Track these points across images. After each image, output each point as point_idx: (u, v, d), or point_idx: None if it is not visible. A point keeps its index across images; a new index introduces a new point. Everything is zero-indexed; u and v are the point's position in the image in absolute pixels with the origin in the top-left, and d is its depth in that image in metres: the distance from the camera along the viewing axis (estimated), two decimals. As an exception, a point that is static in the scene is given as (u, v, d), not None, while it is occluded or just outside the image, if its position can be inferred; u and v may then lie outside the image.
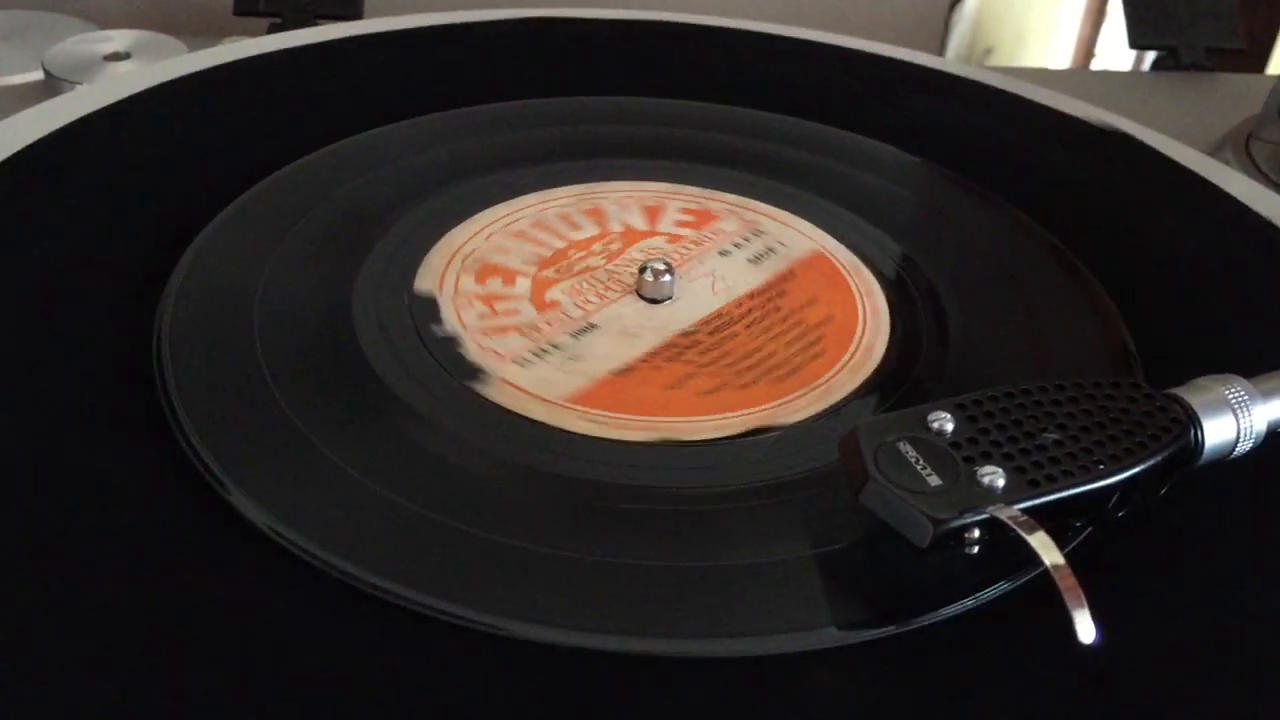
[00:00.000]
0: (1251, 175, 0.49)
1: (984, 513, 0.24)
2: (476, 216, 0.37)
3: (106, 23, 0.56)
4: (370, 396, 0.29)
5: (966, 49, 1.03)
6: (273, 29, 0.56)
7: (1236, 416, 0.27)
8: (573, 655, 0.23)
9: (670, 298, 0.34)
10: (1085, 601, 0.22)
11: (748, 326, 0.33)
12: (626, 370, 0.31)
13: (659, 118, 0.44)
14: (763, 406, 0.30)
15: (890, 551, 0.25)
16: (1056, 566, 0.22)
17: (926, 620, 0.24)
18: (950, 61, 0.51)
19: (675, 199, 0.39)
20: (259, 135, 0.40)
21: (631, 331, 0.33)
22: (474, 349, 0.31)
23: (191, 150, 0.39)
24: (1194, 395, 0.27)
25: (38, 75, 0.52)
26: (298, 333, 0.31)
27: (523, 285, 0.34)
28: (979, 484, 0.24)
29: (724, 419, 0.30)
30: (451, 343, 0.31)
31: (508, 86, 0.45)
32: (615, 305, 0.34)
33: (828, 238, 0.38)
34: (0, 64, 0.54)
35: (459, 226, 0.36)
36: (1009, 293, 0.36)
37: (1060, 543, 0.23)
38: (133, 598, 0.23)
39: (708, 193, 0.40)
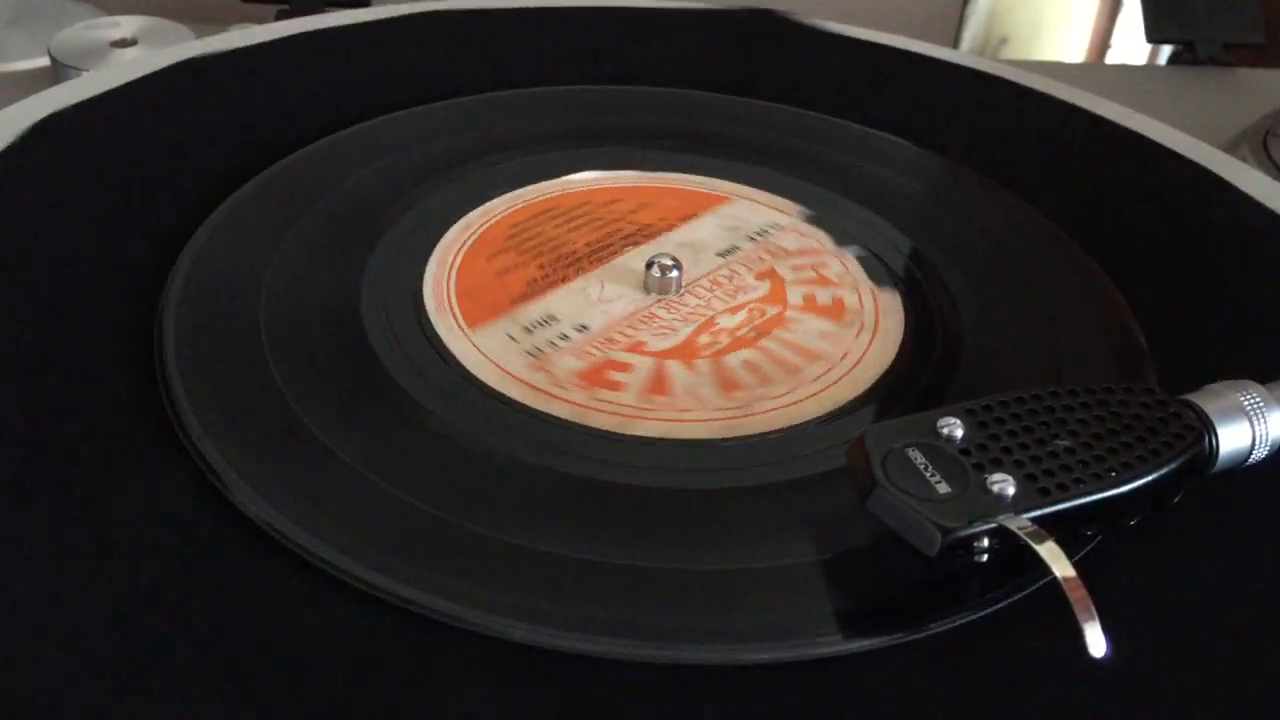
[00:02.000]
0: (1269, 173, 0.48)
1: (993, 522, 0.23)
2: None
3: (113, 9, 0.56)
4: (375, 390, 0.29)
5: (981, 39, 1.02)
6: (280, 15, 0.56)
7: (1252, 423, 0.26)
8: (572, 659, 0.23)
9: (677, 292, 0.34)
10: (1096, 614, 0.21)
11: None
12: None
13: (661, 107, 0.43)
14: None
15: (897, 558, 0.25)
16: (1067, 578, 0.22)
17: (933, 629, 0.24)
18: (964, 54, 0.50)
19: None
20: (267, 123, 0.40)
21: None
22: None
23: (198, 138, 0.39)
24: (1208, 401, 0.26)
25: (44, 61, 0.52)
26: (303, 324, 0.31)
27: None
28: (988, 492, 0.24)
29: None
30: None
31: (519, 73, 0.44)
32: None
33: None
34: (6, 50, 0.54)
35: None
36: (1023, 292, 0.35)
37: (1071, 552, 0.23)
38: (133, 595, 0.23)
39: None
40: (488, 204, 0.37)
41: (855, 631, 0.24)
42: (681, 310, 0.33)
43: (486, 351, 0.30)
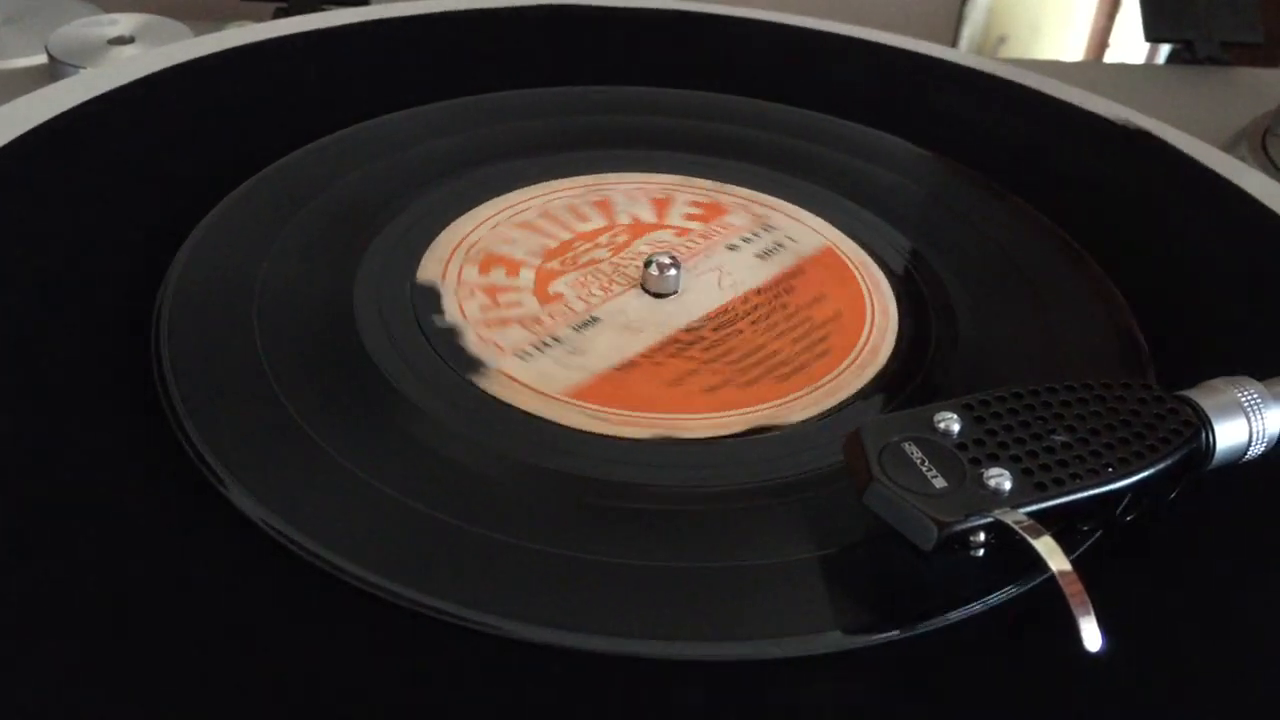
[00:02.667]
0: (1268, 171, 0.48)
1: (989, 516, 0.23)
2: (481, 206, 0.36)
3: (111, 6, 0.56)
4: (370, 389, 0.29)
5: (980, 38, 1.02)
6: (278, 14, 0.56)
7: (1249, 419, 0.26)
8: (569, 656, 0.23)
9: (675, 292, 0.34)
10: (1092, 609, 0.21)
11: (753, 323, 0.33)
12: (628, 365, 0.31)
13: (667, 108, 0.43)
14: (766, 405, 0.30)
15: (894, 553, 0.25)
16: (1063, 573, 0.22)
17: (931, 625, 0.24)
18: (963, 53, 0.50)
19: (684, 191, 0.39)
20: (264, 122, 0.40)
21: (634, 326, 0.32)
22: (475, 341, 0.31)
23: (195, 136, 0.39)
24: (1205, 397, 0.26)
25: (41, 59, 0.52)
26: (298, 324, 0.31)
27: (526, 277, 0.34)
28: (985, 486, 0.24)
29: (726, 417, 0.29)
30: (452, 334, 0.31)
31: (516, 74, 0.44)
32: (619, 299, 0.33)
33: (836, 232, 0.37)
34: (4, 47, 0.53)
35: (463, 216, 0.36)
36: (1020, 290, 0.35)
37: (1068, 547, 0.23)
38: (127, 592, 0.23)
39: (717, 185, 0.39)
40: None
41: (853, 628, 0.24)
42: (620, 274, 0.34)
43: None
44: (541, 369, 0.30)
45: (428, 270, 0.33)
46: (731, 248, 0.36)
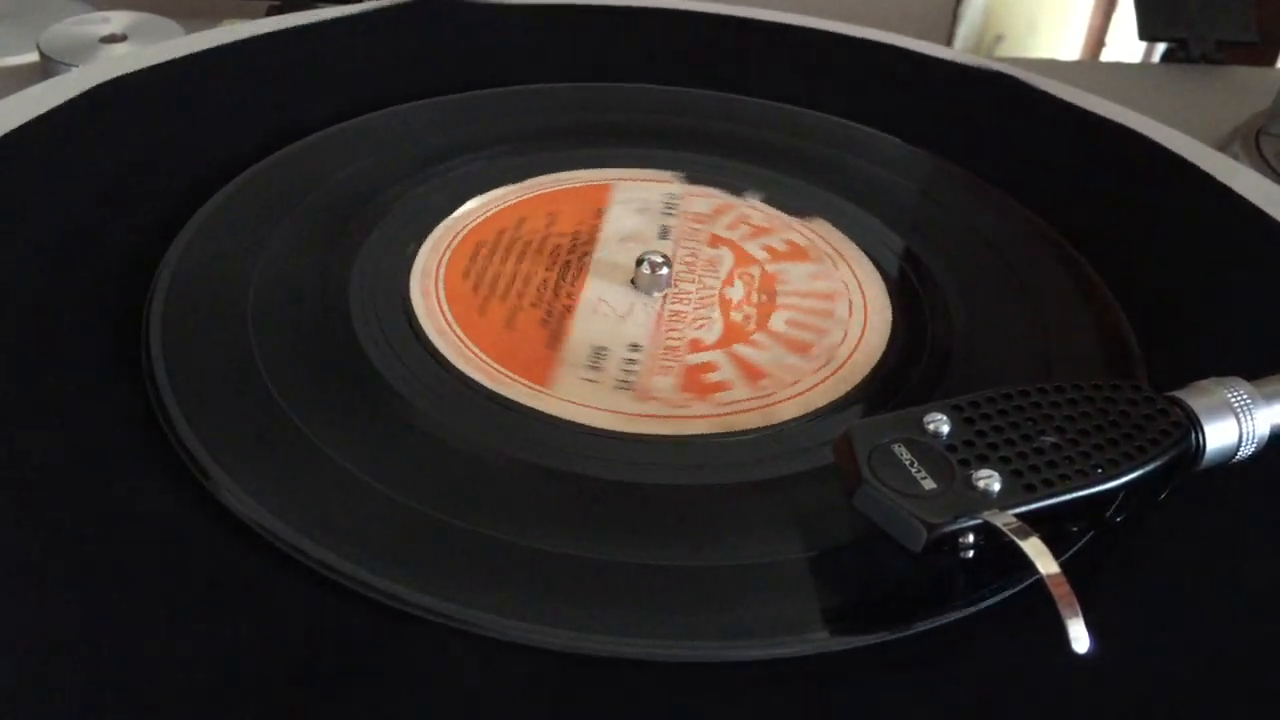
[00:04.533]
0: (1261, 170, 0.48)
1: (978, 518, 0.23)
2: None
3: (103, 4, 0.56)
4: (363, 386, 0.29)
5: (977, 37, 1.02)
6: (271, 11, 0.56)
7: (1239, 420, 0.26)
8: (554, 656, 0.23)
9: (666, 289, 0.33)
10: (1079, 610, 0.21)
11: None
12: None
13: (658, 105, 0.43)
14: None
15: (884, 555, 0.25)
16: (1051, 574, 0.22)
17: (919, 627, 0.24)
18: (956, 51, 0.50)
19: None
20: (257, 118, 0.40)
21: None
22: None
23: (187, 134, 0.39)
24: (1195, 398, 0.26)
25: (33, 57, 0.52)
26: (291, 320, 0.31)
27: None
28: (974, 488, 0.24)
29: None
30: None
31: (511, 69, 0.44)
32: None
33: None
34: (-4, 45, 0.53)
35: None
36: (1012, 290, 0.35)
37: (1059, 549, 0.23)
38: (118, 592, 0.23)
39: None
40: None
41: (842, 629, 0.24)
42: (691, 299, 0.33)
43: (572, 398, 0.29)
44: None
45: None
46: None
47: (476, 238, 0.35)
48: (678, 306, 0.33)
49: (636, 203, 0.37)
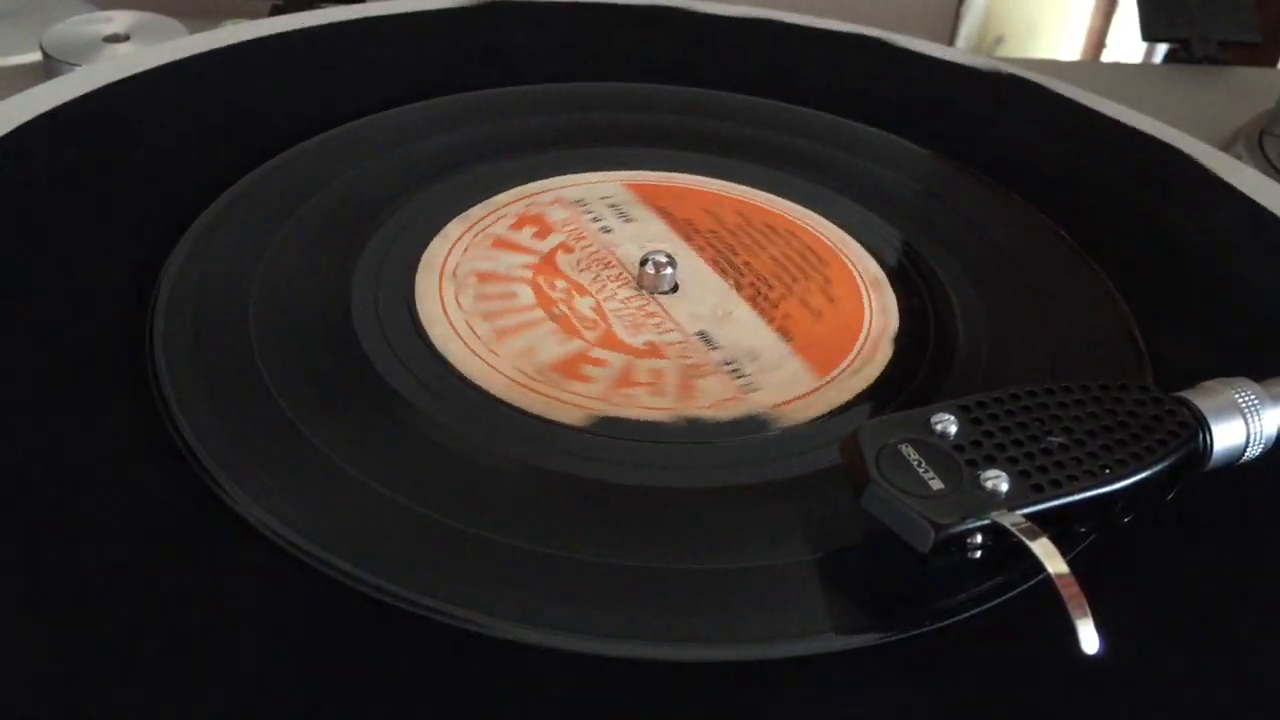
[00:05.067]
0: (1264, 171, 0.48)
1: (986, 518, 0.23)
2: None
3: (106, 4, 0.56)
4: (366, 389, 0.29)
5: (977, 38, 1.02)
6: (275, 11, 0.56)
7: (1246, 421, 0.26)
8: (559, 657, 0.23)
9: (672, 290, 0.33)
10: (1089, 611, 0.21)
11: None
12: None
13: (660, 105, 0.43)
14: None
15: (892, 555, 0.25)
16: (1060, 575, 0.22)
17: (928, 627, 0.24)
18: (961, 52, 0.50)
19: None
20: (260, 119, 0.40)
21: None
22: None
23: (190, 135, 0.39)
24: (1203, 399, 0.26)
25: (36, 56, 0.52)
26: (294, 323, 0.31)
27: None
28: (982, 488, 0.24)
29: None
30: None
31: (516, 71, 0.44)
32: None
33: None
34: (-1, 44, 0.53)
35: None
36: (1018, 290, 0.35)
37: (1066, 549, 0.23)
38: (120, 592, 0.23)
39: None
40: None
41: (849, 629, 0.24)
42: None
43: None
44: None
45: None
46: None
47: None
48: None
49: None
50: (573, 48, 0.47)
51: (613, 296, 0.33)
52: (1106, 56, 1.01)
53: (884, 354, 0.32)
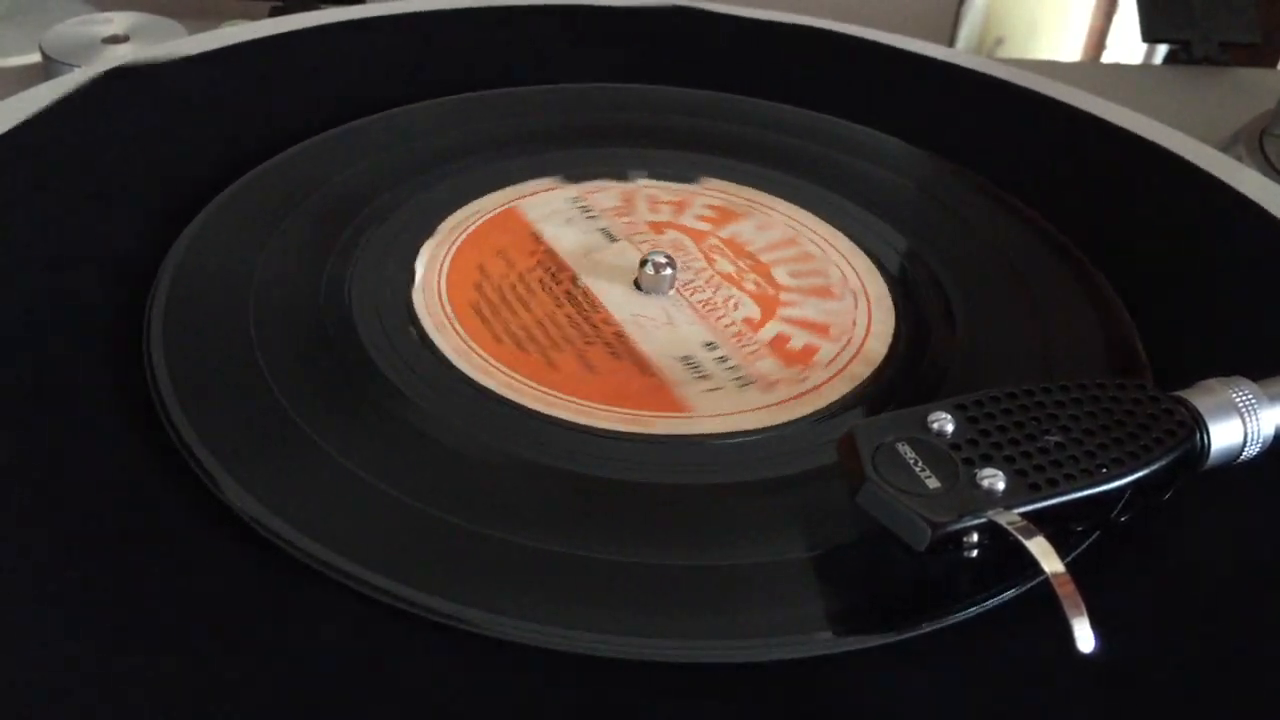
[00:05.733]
0: (1265, 172, 0.48)
1: (983, 516, 0.23)
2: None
3: (105, 5, 0.56)
4: (366, 385, 0.29)
5: (977, 39, 1.02)
6: (274, 13, 0.56)
7: (1244, 420, 0.26)
8: (556, 655, 0.23)
9: (670, 290, 0.33)
10: (1084, 610, 0.21)
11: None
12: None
13: (657, 105, 0.43)
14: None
15: (889, 555, 0.25)
16: (1056, 574, 0.22)
17: (924, 628, 0.24)
18: (959, 53, 0.50)
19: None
20: (259, 120, 0.40)
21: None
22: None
23: (190, 134, 0.39)
24: (1200, 398, 0.26)
25: (35, 58, 0.52)
26: (293, 321, 0.31)
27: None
28: (978, 487, 0.24)
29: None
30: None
31: (512, 71, 0.44)
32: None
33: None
34: (-1, 45, 0.53)
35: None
36: (1016, 290, 0.35)
37: (1064, 549, 0.23)
38: (121, 590, 0.23)
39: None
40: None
41: (848, 629, 0.24)
42: (703, 287, 0.34)
43: (716, 413, 0.29)
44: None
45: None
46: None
47: (465, 278, 0.33)
48: (701, 296, 0.33)
49: (556, 216, 0.36)
50: (569, 48, 0.47)
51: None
52: (1107, 57, 1.01)
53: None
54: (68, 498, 0.25)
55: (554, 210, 0.37)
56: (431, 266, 0.33)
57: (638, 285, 0.33)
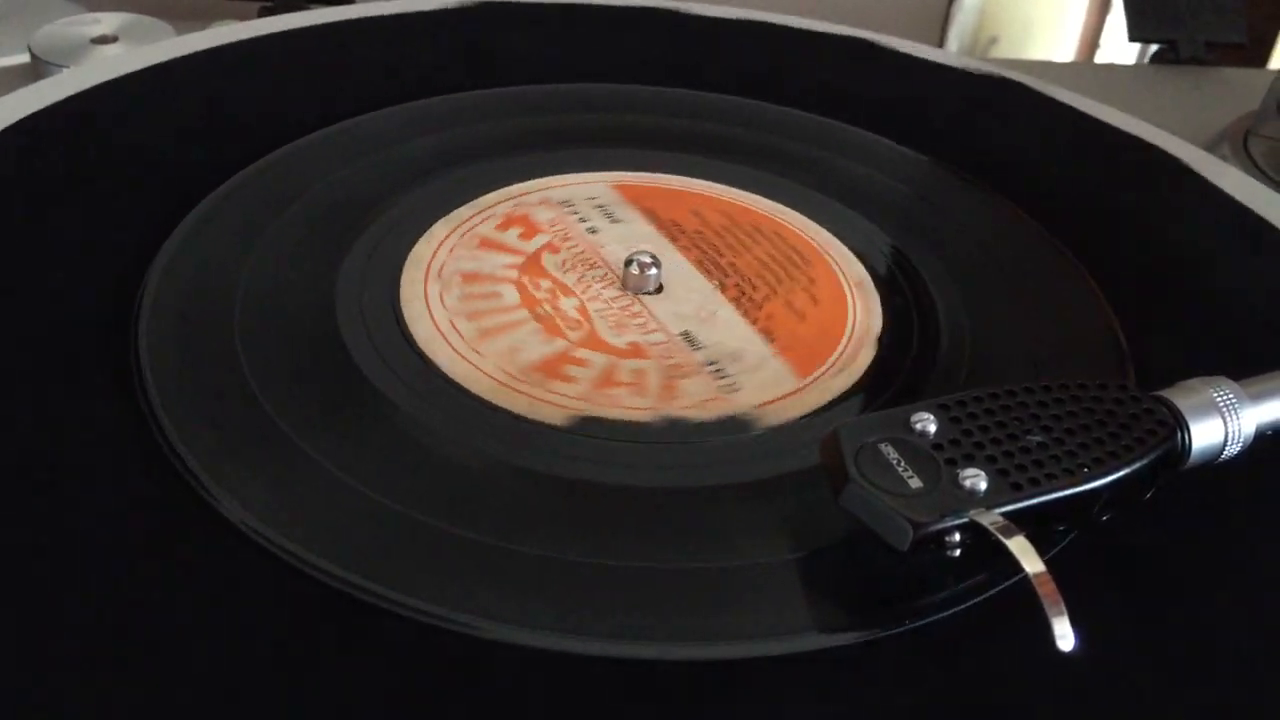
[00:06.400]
0: (1249, 172, 0.48)
1: (964, 516, 0.23)
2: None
3: (94, 5, 0.56)
4: (353, 391, 0.29)
5: (971, 38, 1.02)
6: (263, 13, 0.56)
7: (1224, 419, 0.26)
8: (543, 657, 0.23)
9: (657, 290, 0.34)
10: (1065, 609, 0.21)
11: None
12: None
13: (645, 106, 0.43)
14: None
15: (873, 554, 0.25)
16: (1036, 573, 0.22)
17: (907, 626, 0.24)
18: (946, 53, 0.50)
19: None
20: (247, 121, 0.40)
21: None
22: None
23: (177, 136, 0.39)
24: (1182, 398, 0.26)
25: (24, 58, 0.52)
26: (279, 326, 0.31)
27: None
28: (960, 487, 0.24)
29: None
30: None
31: (502, 72, 0.44)
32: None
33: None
34: (-13, 46, 0.53)
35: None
36: (1001, 289, 0.35)
37: (1045, 547, 0.23)
38: (103, 594, 0.23)
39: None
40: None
41: (829, 628, 0.24)
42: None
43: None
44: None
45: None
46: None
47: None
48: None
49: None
50: (559, 48, 0.48)
51: (597, 297, 0.33)
52: (1101, 57, 1.01)
53: (867, 355, 0.32)
54: (54, 505, 0.25)
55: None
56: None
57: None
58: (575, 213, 0.37)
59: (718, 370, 0.31)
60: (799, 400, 0.30)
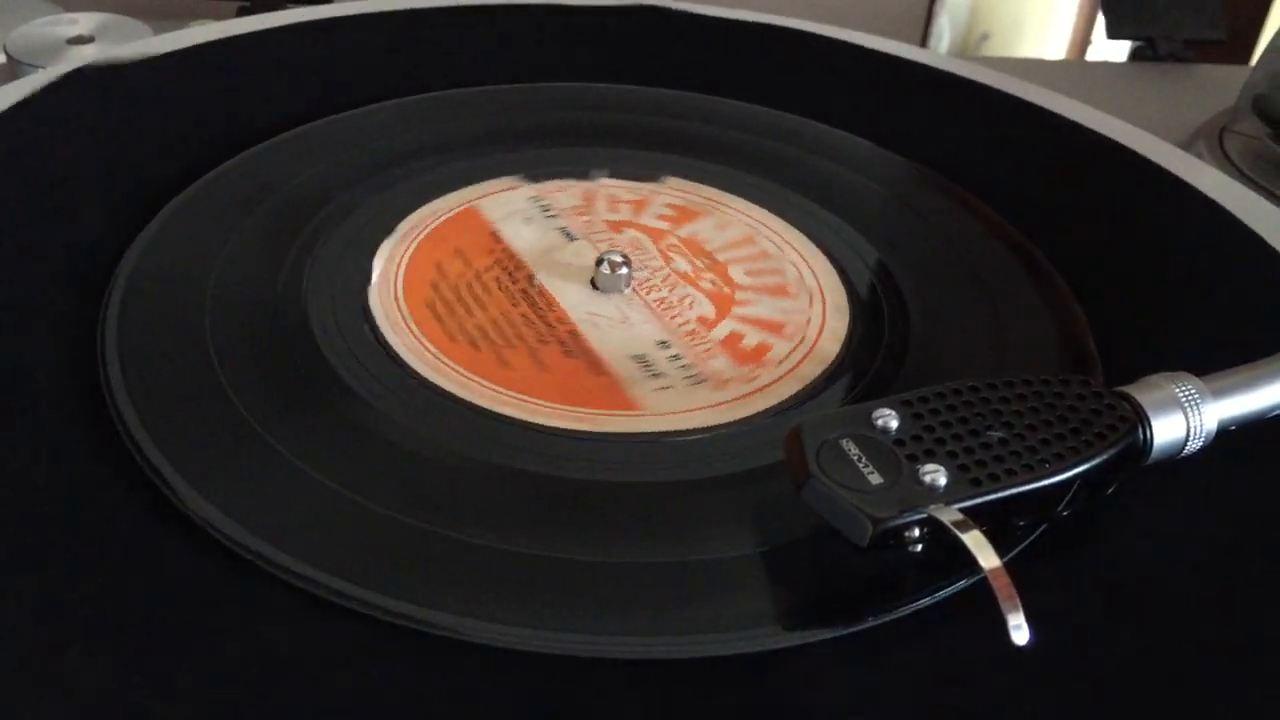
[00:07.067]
0: (1224, 169, 0.49)
1: (923, 512, 0.23)
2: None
3: (71, 5, 0.56)
4: (320, 386, 0.29)
5: (962, 36, 1.02)
6: (241, 13, 0.56)
7: (1186, 415, 0.26)
8: (528, 658, 0.23)
9: (626, 289, 0.34)
10: (1019, 604, 0.21)
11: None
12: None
13: (628, 105, 0.43)
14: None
15: (837, 550, 0.25)
16: (991, 568, 0.22)
17: (868, 623, 0.24)
18: (923, 52, 0.50)
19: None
20: (220, 121, 0.40)
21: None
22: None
23: (154, 135, 0.39)
24: (1144, 393, 0.26)
25: None
26: (249, 323, 0.31)
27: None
28: (920, 482, 0.24)
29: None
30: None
31: (474, 71, 0.44)
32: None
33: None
34: (-39, 47, 0.53)
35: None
36: (970, 288, 0.35)
37: (1006, 543, 0.23)
38: (73, 594, 0.23)
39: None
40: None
41: (794, 625, 0.24)
42: (658, 285, 0.34)
43: (666, 411, 0.29)
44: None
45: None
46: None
47: (422, 277, 0.33)
48: (657, 295, 0.33)
49: (516, 216, 0.36)
50: (537, 47, 0.48)
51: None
52: (1092, 54, 1.01)
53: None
54: (19, 501, 0.25)
55: (514, 210, 0.37)
56: (389, 266, 0.34)
57: (594, 284, 0.34)
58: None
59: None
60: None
